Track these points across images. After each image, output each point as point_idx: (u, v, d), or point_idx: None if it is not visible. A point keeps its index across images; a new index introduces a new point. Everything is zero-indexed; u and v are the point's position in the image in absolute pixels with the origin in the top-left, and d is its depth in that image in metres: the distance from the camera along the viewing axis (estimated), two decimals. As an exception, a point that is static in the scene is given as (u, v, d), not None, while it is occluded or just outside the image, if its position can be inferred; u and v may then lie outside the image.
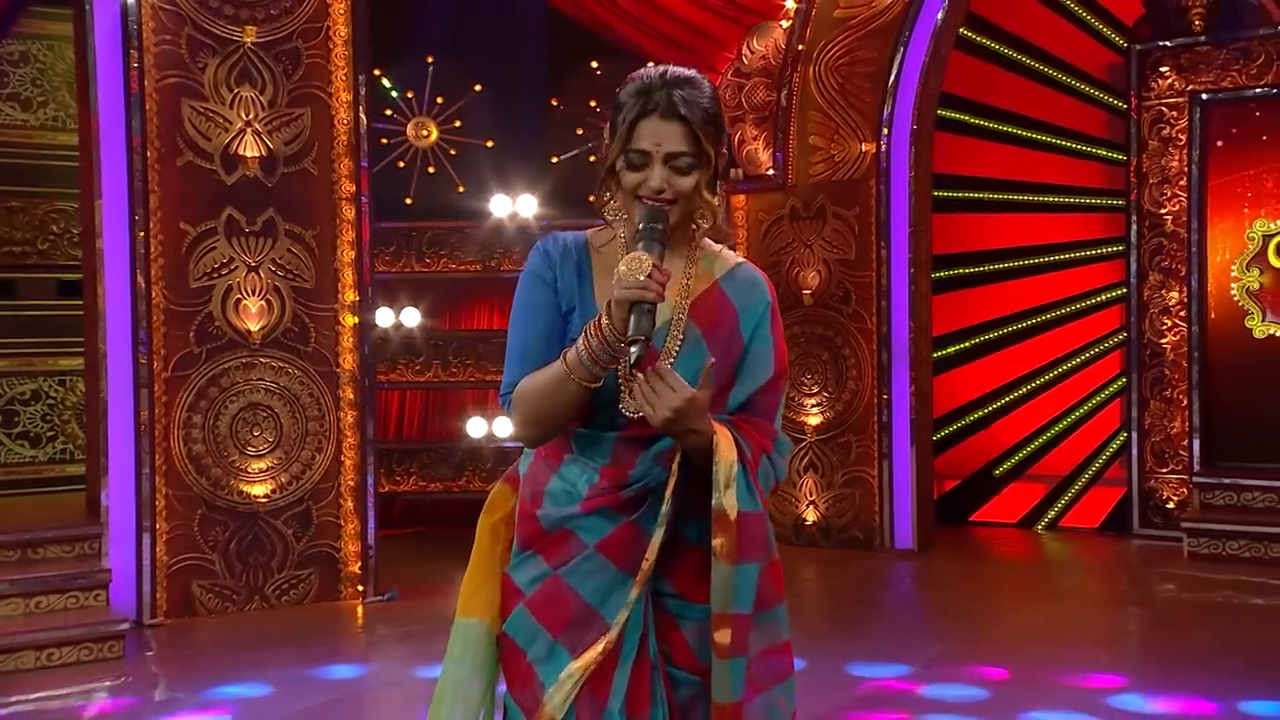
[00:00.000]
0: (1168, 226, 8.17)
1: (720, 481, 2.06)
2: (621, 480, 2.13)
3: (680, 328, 2.16)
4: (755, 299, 2.21)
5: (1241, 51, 7.95)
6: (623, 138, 2.12)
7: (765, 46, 8.04)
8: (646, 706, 2.12)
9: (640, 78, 2.15)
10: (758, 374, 2.18)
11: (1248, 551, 7.39)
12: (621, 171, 2.14)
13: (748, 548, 2.08)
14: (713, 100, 2.13)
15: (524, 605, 2.17)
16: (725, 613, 2.07)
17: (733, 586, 2.07)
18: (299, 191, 6.54)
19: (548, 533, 2.17)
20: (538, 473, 2.23)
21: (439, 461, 8.52)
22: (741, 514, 2.07)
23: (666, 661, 2.16)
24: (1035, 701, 4.73)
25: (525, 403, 2.14)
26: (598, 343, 2.02)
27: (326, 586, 6.58)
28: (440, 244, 8.45)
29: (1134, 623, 6.15)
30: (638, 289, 1.97)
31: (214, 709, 4.85)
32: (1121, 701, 4.76)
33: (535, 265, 2.24)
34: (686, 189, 2.11)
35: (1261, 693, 4.78)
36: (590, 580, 2.12)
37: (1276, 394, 7.94)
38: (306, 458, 6.54)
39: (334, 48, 6.62)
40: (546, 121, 8.64)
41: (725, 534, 2.06)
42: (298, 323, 6.52)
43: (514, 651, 2.18)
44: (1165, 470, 8.17)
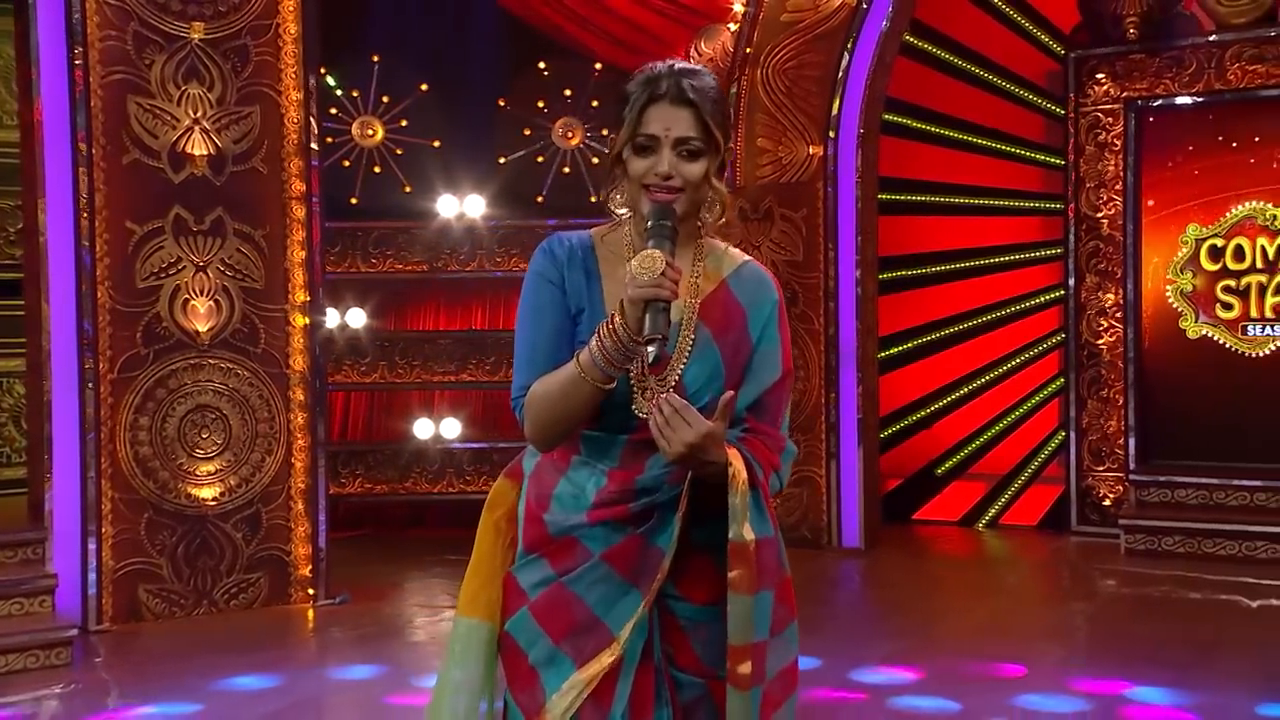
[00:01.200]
0: (1104, 230, 8.36)
1: (739, 514, 2.04)
2: (629, 485, 2.13)
3: (691, 328, 2.16)
4: (763, 298, 2.22)
5: (1174, 60, 8.16)
6: (631, 123, 2.12)
7: (713, 49, 8.09)
8: (650, 710, 2.14)
9: (648, 69, 2.17)
10: (765, 375, 2.19)
11: (1182, 547, 7.58)
12: (629, 159, 2.14)
13: (764, 574, 2.08)
14: (719, 90, 2.16)
15: (528, 608, 2.17)
16: (745, 644, 2.06)
17: (753, 616, 2.06)
18: (248, 190, 6.45)
19: (554, 538, 2.17)
20: (545, 475, 2.22)
21: (385, 463, 8.46)
22: (758, 542, 2.07)
23: (670, 664, 2.17)
24: (995, 695, 4.82)
25: (538, 406, 2.13)
26: (612, 343, 2.01)
27: (276, 590, 6.50)
28: (386, 244, 8.39)
29: (1081, 618, 6.29)
30: (653, 287, 1.96)
31: (173, 715, 4.77)
32: (1078, 695, 4.87)
33: (540, 266, 2.23)
34: (695, 176, 2.12)
35: (1207, 684, 4.92)
36: (595, 589, 2.12)
37: (1209, 393, 8.17)
38: (256, 460, 6.46)
39: (284, 45, 6.54)
40: (494, 122, 8.61)
41: (745, 565, 2.05)
42: (247, 323, 6.44)
43: (516, 652, 2.18)
44: (1102, 468, 8.36)
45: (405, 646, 5.89)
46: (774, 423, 2.21)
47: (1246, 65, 7.97)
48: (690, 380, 2.14)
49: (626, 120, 2.14)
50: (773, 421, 2.20)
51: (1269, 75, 7.91)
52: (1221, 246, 8.09)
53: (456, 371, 8.42)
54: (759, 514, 2.08)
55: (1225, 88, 8.04)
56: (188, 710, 4.83)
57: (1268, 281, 7.98)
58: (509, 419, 8.77)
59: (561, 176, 8.58)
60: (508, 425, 8.78)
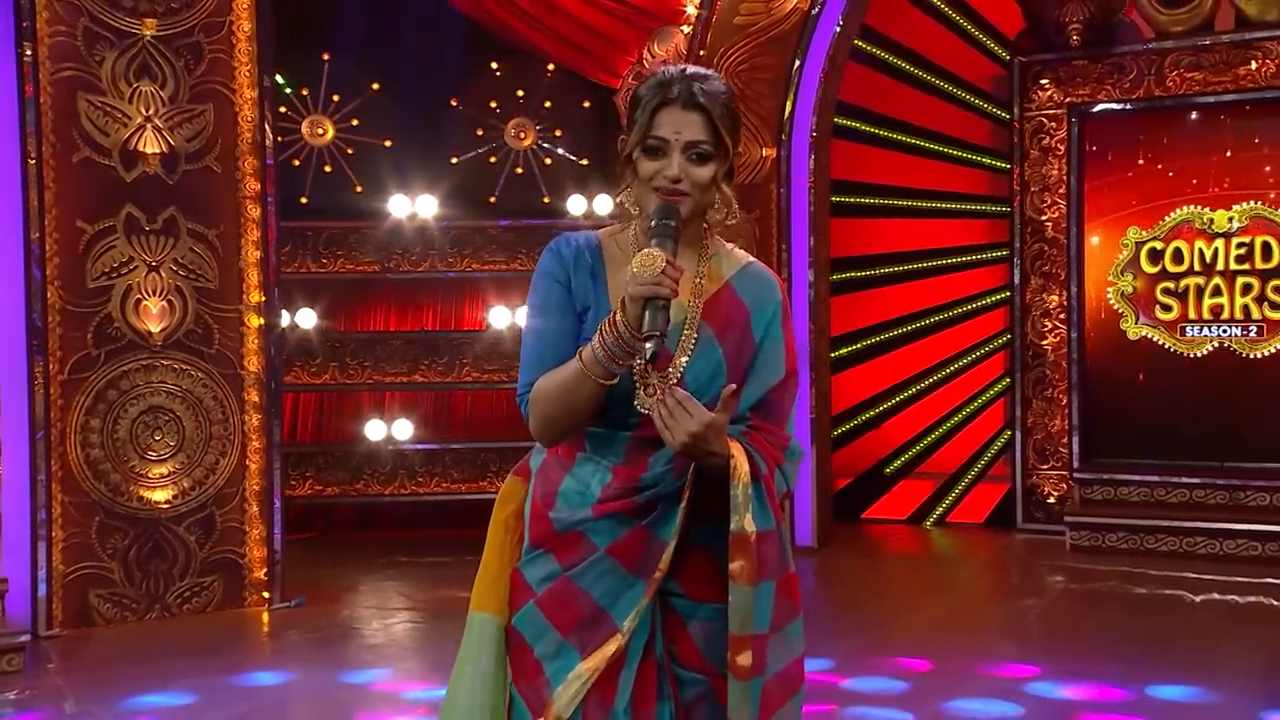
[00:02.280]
0: (1048, 233, 8.52)
1: (740, 505, 2.08)
2: (634, 482, 2.16)
3: (694, 327, 2.19)
4: (766, 298, 2.25)
5: (1115, 66, 8.35)
6: (643, 126, 2.15)
7: (666, 51, 8.12)
8: (652, 705, 2.16)
9: (660, 72, 2.20)
10: (769, 374, 2.22)
11: (1125, 544, 7.76)
12: (639, 160, 2.17)
13: (765, 567, 2.10)
14: (729, 95, 2.19)
15: (534, 603, 2.19)
16: (745, 634, 2.09)
17: (753, 608, 2.08)
18: (201, 189, 6.38)
19: (559, 534, 2.20)
20: (551, 471, 2.25)
21: (335, 465, 8.38)
22: (759, 534, 2.09)
23: (672, 661, 2.20)
24: (955, 691, 4.90)
25: (542, 402, 2.16)
26: (613, 339, 2.05)
27: (230, 593, 6.43)
28: (337, 244, 8.32)
29: (1032, 613, 6.41)
30: (652, 285, 2.00)
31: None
32: (1036, 689, 4.97)
33: (548, 266, 2.25)
34: (703, 179, 2.15)
35: (1164, 677, 5.05)
36: (601, 582, 2.14)
37: (1149, 393, 8.37)
38: (210, 462, 6.39)
39: (237, 43, 6.47)
40: (446, 122, 8.57)
41: (746, 557, 2.07)
42: (201, 324, 6.36)
43: (521, 646, 2.20)
44: (1046, 467, 8.53)
45: (364, 649, 5.85)
46: (778, 422, 2.24)
47: (1185, 72, 8.17)
48: (692, 378, 2.17)
49: (638, 123, 2.17)
50: (777, 420, 2.23)
51: (1206, 83, 8.11)
52: (1161, 250, 8.28)
53: (408, 373, 8.37)
54: (761, 506, 2.11)
55: (1164, 94, 8.24)
56: (148, 716, 4.77)
57: (1205, 284, 8.19)
58: (461, 420, 8.76)
59: (514, 177, 8.57)
60: (459, 426, 8.76)
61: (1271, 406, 8.01)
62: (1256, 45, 7.96)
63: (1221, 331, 8.16)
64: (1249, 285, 8.08)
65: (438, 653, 5.70)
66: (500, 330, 8.33)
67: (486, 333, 8.38)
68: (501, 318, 8.33)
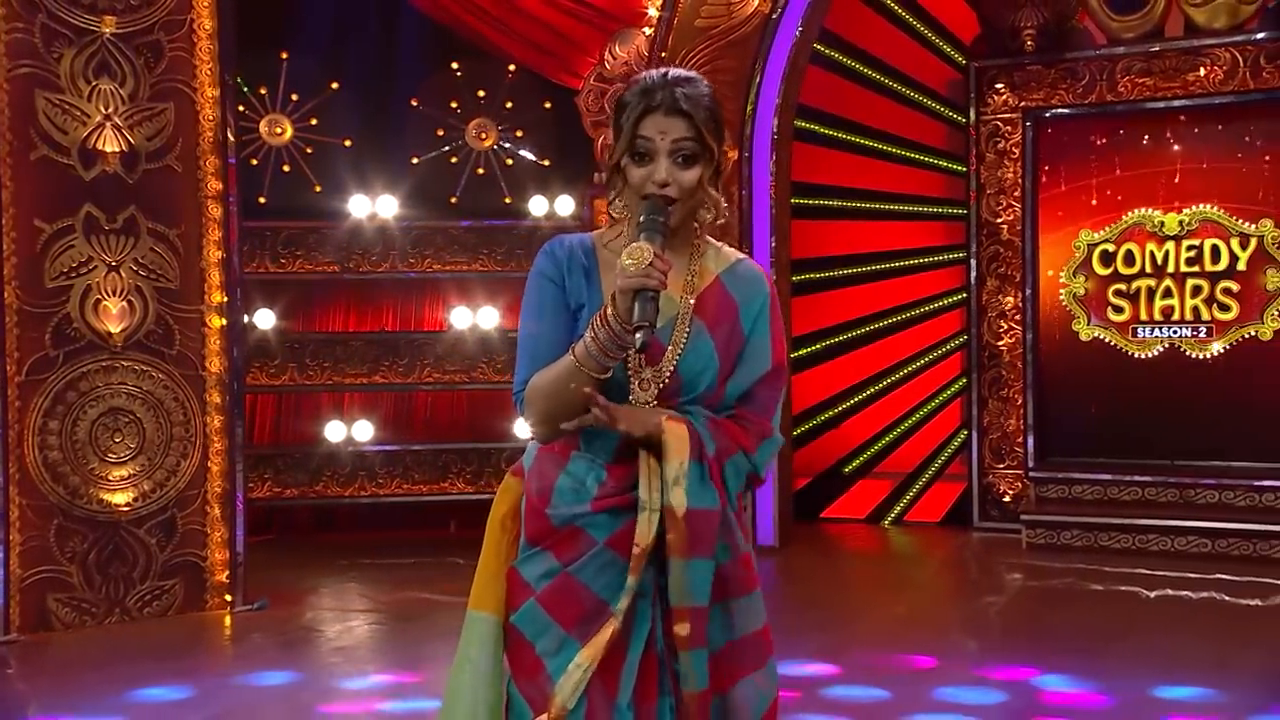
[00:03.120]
0: (1004, 235, 8.64)
1: (668, 479, 2.14)
2: (630, 478, 2.19)
3: (686, 321, 2.24)
4: (755, 293, 2.31)
5: (1069, 71, 8.48)
6: (629, 133, 2.20)
7: (628, 53, 8.15)
8: (654, 698, 2.20)
9: (643, 79, 2.24)
10: (755, 366, 2.28)
11: (1080, 541, 7.89)
12: (627, 168, 2.22)
13: (697, 543, 2.15)
14: (712, 99, 2.24)
15: (535, 600, 2.22)
16: (683, 606, 2.15)
17: (685, 580, 2.14)
18: (162, 189, 6.32)
19: (557, 529, 2.23)
20: (545, 468, 2.27)
21: (294, 466, 8.32)
22: (690, 511, 2.14)
23: (672, 655, 2.22)
24: (922, 687, 4.97)
25: (537, 398, 2.20)
26: (605, 332, 2.09)
27: (192, 597, 6.37)
28: (296, 244, 8.26)
29: (993, 610, 6.50)
30: (640, 277, 2.05)
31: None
32: (1002, 684, 5.05)
33: (542, 266, 2.29)
34: (690, 182, 2.20)
35: (1119, 670, 5.15)
36: (601, 576, 2.18)
37: (1101, 393, 8.52)
38: (171, 464, 6.33)
39: (198, 41, 6.41)
40: (406, 122, 8.54)
41: (675, 530, 2.14)
42: (161, 324, 6.30)
43: (521, 644, 2.23)
44: (1002, 466, 8.65)
45: (331, 651, 5.82)
46: (763, 412, 2.29)
47: (1136, 78, 8.32)
48: (685, 370, 2.23)
49: (624, 130, 2.21)
50: (761, 411, 2.28)
51: (1156, 88, 8.27)
52: (1113, 252, 8.43)
53: (368, 374, 8.32)
54: (700, 485, 2.16)
55: (1116, 99, 8.38)
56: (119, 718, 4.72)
57: (1156, 286, 8.34)
58: (421, 421, 8.73)
59: (475, 178, 8.56)
60: (420, 427, 8.74)
61: (1220, 406, 8.18)
62: (1205, 52, 8.12)
63: (1172, 332, 8.31)
64: (1199, 287, 8.25)
65: (404, 653, 5.69)
66: (461, 331, 8.31)
67: (448, 333, 8.36)
68: (463, 318, 8.32)
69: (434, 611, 6.46)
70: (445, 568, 7.60)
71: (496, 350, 8.33)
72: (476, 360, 8.34)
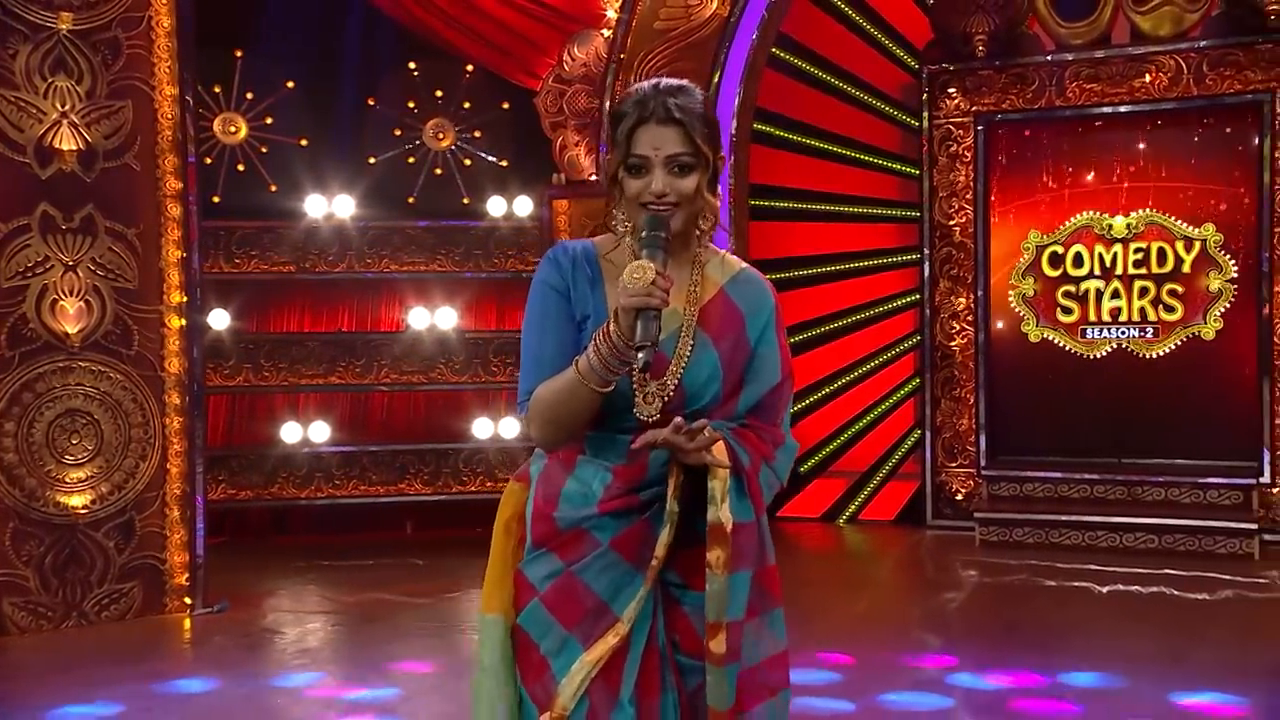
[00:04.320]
0: (956, 237, 8.77)
1: (716, 497, 2.16)
2: (636, 481, 2.22)
3: (690, 333, 2.25)
4: (760, 304, 2.33)
5: (1019, 77, 8.63)
6: (623, 146, 2.22)
7: (586, 54, 8.18)
8: (657, 694, 2.23)
9: (635, 90, 2.26)
10: (765, 378, 2.30)
11: (1032, 538, 8.04)
12: (624, 180, 2.24)
13: (740, 557, 2.19)
14: (704, 106, 2.26)
15: (538, 600, 2.24)
16: (720, 621, 2.17)
17: (727, 595, 2.16)
18: (120, 187, 6.24)
19: (562, 532, 2.24)
20: (552, 474, 2.29)
21: (249, 468, 8.25)
22: (736, 525, 2.17)
23: (675, 650, 2.26)
24: (885, 684, 5.04)
25: (541, 410, 2.22)
26: (607, 349, 2.11)
27: (151, 600, 6.31)
28: (251, 244, 8.19)
29: (950, 607, 6.59)
30: (642, 296, 2.06)
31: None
32: (959, 679, 5.14)
33: (546, 275, 2.30)
34: (688, 190, 2.22)
35: (1077, 665, 5.26)
36: (604, 576, 2.20)
37: (1050, 393, 8.67)
38: (130, 466, 6.26)
39: (156, 39, 6.35)
40: (363, 121, 8.52)
41: (722, 547, 2.15)
42: (120, 325, 6.23)
43: (527, 644, 2.25)
44: (955, 465, 8.78)
45: (295, 654, 5.79)
46: (773, 421, 2.32)
47: (1084, 84, 8.48)
48: (690, 383, 2.24)
49: (618, 143, 2.23)
50: (772, 419, 2.32)
51: (1103, 94, 8.43)
52: (1062, 253, 8.59)
53: (325, 374, 8.28)
54: (739, 499, 2.19)
55: (1065, 104, 8.54)
56: (103, 712, 4.68)
57: (1105, 287, 8.51)
58: (378, 422, 8.69)
59: (433, 178, 8.55)
60: (377, 428, 8.69)
61: (1166, 405, 8.36)
62: (1151, 59, 8.30)
63: (1120, 333, 8.49)
64: (1146, 289, 8.42)
65: (369, 655, 5.67)
66: (419, 331, 8.29)
67: (405, 334, 8.34)
68: (420, 319, 8.30)
69: (396, 613, 6.44)
70: (405, 569, 7.59)
71: (454, 351, 8.32)
72: (434, 361, 8.33)
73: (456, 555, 7.92)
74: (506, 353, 8.37)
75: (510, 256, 8.36)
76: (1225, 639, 5.81)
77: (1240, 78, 8.13)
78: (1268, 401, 8.06)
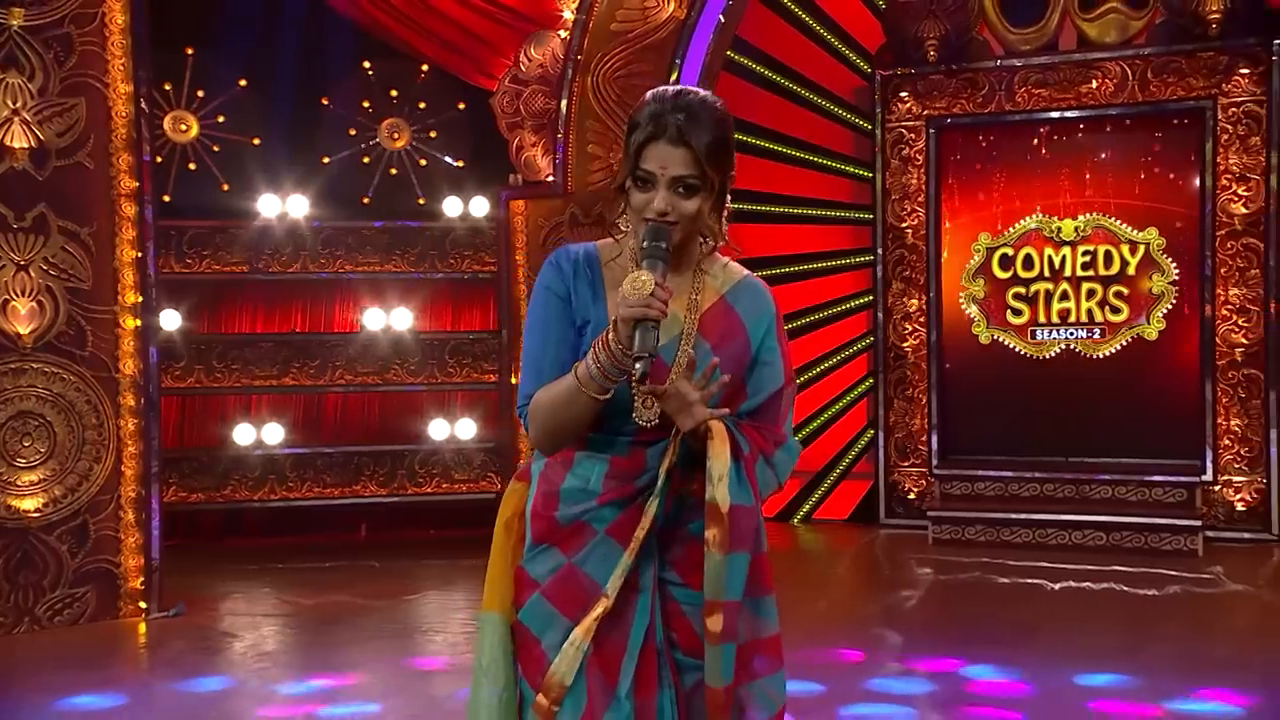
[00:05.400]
0: (909, 239, 8.88)
1: (714, 476, 2.18)
2: (632, 471, 2.24)
3: (690, 341, 2.28)
4: (761, 312, 2.35)
5: (969, 81, 8.76)
6: (631, 159, 2.23)
7: (543, 55, 8.17)
8: (654, 691, 2.25)
9: (654, 99, 2.24)
10: (768, 384, 2.34)
11: (983, 536, 8.16)
12: (630, 190, 2.25)
13: (739, 539, 2.21)
14: (721, 125, 2.23)
15: (539, 593, 2.26)
16: (717, 600, 2.20)
17: (725, 575, 2.19)
18: (74, 186, 6.15)
19: (563, 527, 2.26)
20: (552, 473, 2.31)
21: (200, 471, 8.14)
22: (733, 507, 2.20)
23: (673, 648, 2.29)
24: (852, 680, 5.10)
25: (541, 415, 2.24)
26: (606, 358, 2.13)
27: (105, 604, 6.21)
28: (202, 244, 8.09)
29: (912, 604, 6.68)
30: (641, 307, 2.08)
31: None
32: (923, 676, 5.21)
33: (548, 279, 2.31)
34: (689, 212, 2.22)
35: (1039, 661, 5.35)
36: (603, 565, 2.23)
37: (1000, 393, 8.81)
38: (83, 469, 6.16)
39: (110, 35, 6.25)
40: (317, 121, 8.44)
41: (718, 525, 2.18)
42: (73, 325, 6.13)
43: (528, 639, 2.26)
44: (907, 464, 8.89)
45: (257, 657, 5.72)
46: (775, 422, 2.35)
47: (1032, 89, 8.63)
48: None
49: (628, 154, 2.24)
50: (774, 421, 2.35)
51: (1052, 99, 8.58)
52: (1012, 256, 8.72)
53: (278, 376, 8.20)
54: (739, 483, 2.22)
55: (1014, 109, 8.68)
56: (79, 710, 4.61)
57: (1054, 289, 8.66)
58: (333, 424, 8.62)
59: (388, 178, 8.50)
60: (331, 429, 8.62)
61: (1113, 404, 8.52)
62: (1097, 65, 8.47)
63: (1068, 334, 8.64)
64: (1093, 290, 8.58)
65: (333, 657, 5.63)
66: (375, 332, 8.24)
67: (360, 335, 8.28)
68: (376, 320, 8.25)
69: (357, 615, 6.40)
70: (362, 571, 7.54)
71: (410, 352, 8.28)
72: (390, 362, 8.28)
73: (412, 557, 7.90)
74: (462, 354, 8.34)
75: (466, 257, 8.33)
76: (1180, 634, 5.93)
77: (1183, 84, 8.31)
78: (1210, 401, 8.25)
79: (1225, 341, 8.24)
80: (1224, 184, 8.21)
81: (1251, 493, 8.17)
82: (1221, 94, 8.19)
